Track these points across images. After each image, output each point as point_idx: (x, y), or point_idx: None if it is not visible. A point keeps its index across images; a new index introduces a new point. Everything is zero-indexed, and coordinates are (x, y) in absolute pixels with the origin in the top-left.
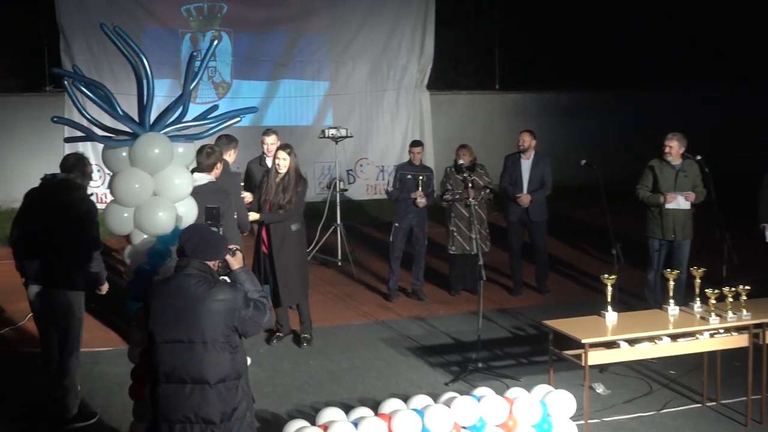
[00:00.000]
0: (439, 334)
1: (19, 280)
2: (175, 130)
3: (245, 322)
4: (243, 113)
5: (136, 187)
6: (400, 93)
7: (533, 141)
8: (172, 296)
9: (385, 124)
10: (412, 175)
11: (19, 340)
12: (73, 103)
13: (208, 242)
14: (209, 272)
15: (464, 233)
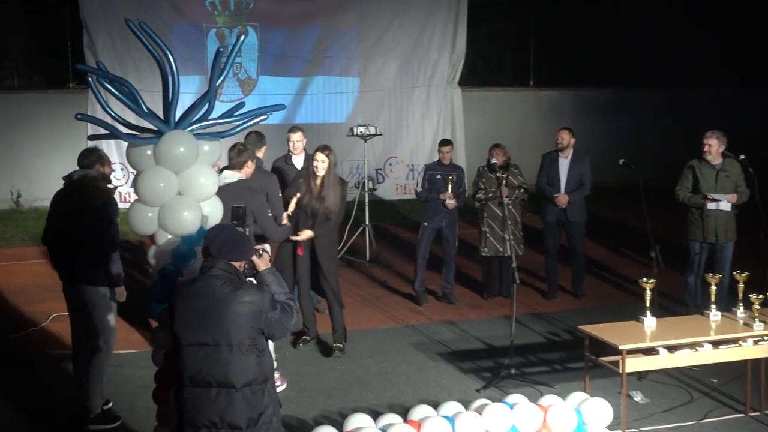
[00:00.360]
0: (471, 338)
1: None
2: (201, 127)
3: (272, 325)
4: (270, 110)
5: (161, 186)
6: (430, 90)
7: (572, 139)
8: (197, 298)
9: (415, 121)
10: (441, 175)
11: (42, 341)
12: (97, 99)
13: (233, 242)
14: (235, 273)
15: (497, 234)
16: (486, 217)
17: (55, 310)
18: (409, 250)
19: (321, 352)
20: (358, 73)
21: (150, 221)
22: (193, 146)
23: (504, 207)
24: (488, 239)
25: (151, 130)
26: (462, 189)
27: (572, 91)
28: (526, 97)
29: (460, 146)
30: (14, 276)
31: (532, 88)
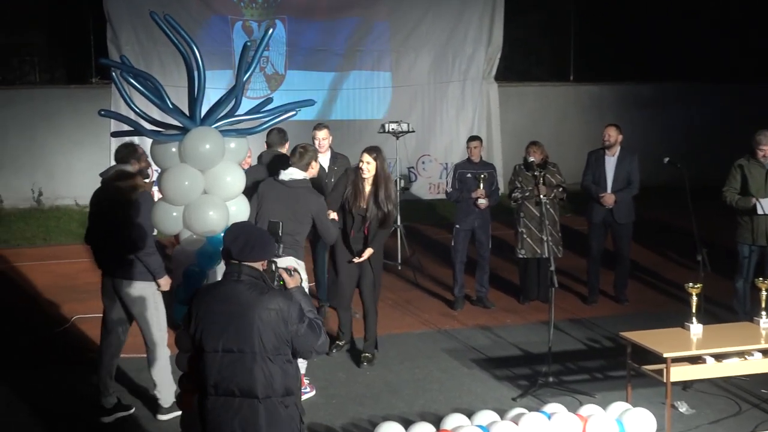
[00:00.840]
0: (507, 344)
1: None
2: (227, 124)
3: (297, 338)
4: (299, 106)
5: (186, 185)
6: (465, 85)
7: (619, 136)
8: (221, 303)
9: (450, 118)
10: (471, 174)
11: (63, 344)
12: (121, 95)
13: (254, 242)
14: (260, 277)
15: (534, 235)
16: (522, 218)
17: (78, 312)
18: (443, 251)
19: (351, 358)
20: (390, 68)
21: (175, 221)
22: (219, 143)
23: (542, 206)
24: (525, 240)
25: (176, 126)
26: (495, 187)
27: (614, 85)
28: (565, 92)
29: (496, 143)
30: (35, 277)
31: (571, 82)
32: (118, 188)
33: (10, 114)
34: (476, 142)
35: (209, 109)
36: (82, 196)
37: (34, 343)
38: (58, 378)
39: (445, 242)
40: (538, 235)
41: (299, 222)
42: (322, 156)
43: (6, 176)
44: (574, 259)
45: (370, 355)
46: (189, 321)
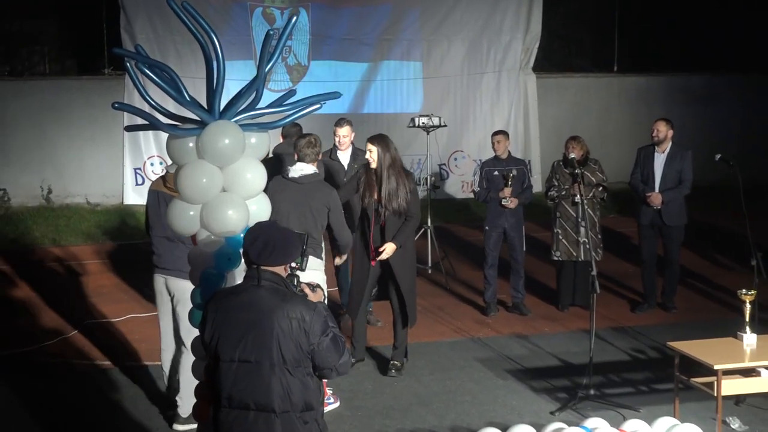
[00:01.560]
0: (545, 354)
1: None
2: (248, 117)
3: (318, 353)
4: (324, 99)
5: (204, 182)
6: (501, 76)
7: (669, 131)
8: (240, 309)
9: (484, 111)
10: (499, 171)
11: (72, 351)
12: (136, 87)
13: (275, 244)
14: (282, 283)
15: (570, 237)
16: (558, 218)
17: (88, 317)
18: (476, 254)
19: (378, 368)
20: (421, 58)
21: (191, 220)
22: (239, 138)
23: (579, 207)
24: (560, 242)
25: (194, 120)
26: (526, 185)
27: (662, 77)
28: (609, 84)
29: (533, 139)
30: (44, 279)
31: (616, 74)
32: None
33: (18, 107)
34: (500, 136)
35: (228, 102)
36: (94, 194)
37: (41, 350)
38: (66, 387)
39: (479, 244)
40: (574, 237)
41: (315, 218)
42: (343, 153)
43: (14, 173)
44: (617, 263)
45: (399, 363)
46: (202, 327)
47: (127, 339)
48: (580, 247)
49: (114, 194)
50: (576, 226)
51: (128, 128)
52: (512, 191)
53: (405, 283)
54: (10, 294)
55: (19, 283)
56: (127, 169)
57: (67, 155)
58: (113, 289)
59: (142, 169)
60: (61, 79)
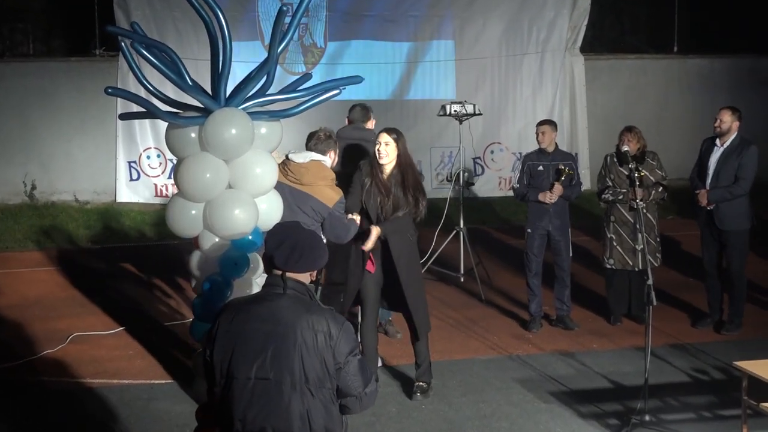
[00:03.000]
0: (593, 375)
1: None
2: (257, 105)
3: (343, 376)
4: (344, 84)
5: (208, 178)
6: (544, 58)
7: (735, 122)
8: (259, 321)
9: (525, 98)
10: (544, 166)
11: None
12: (131, 69)
13: (303, 248)
14: (305, 292)
15: (626, 243)
16: (613, 222)
17: (76, 329)
18: (515, 260)
19: (403, 389)
20: (452, 37)
21: (193, 220)
22: (248, 128)
23: (638, 212)
24: (614, 249)
25: (197, 107)
26: (575, 181)
27: (728, 59)
28: (668, 66)
29: (581, 129)
30: (26, 286)
31: (676, 55)
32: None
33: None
34: (546, 126)
35: (236, 87)
36: (84, 190)
37: (23, 366)
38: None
39: (519, 248)
40: (631, 244)
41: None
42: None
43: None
44: (677, 272)
45: (425, 384)
46: (211, 342)
47: (119, 354)
48: (637, 255)
49: (106, 191)
50: (633, 232)
51: (122, 116)
52: (560, 190)
53: (409, 287)
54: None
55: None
56: (121, 162)
57: (54, 147)
58: (104, 298)
59: (138, 163)
60: (48, 61)
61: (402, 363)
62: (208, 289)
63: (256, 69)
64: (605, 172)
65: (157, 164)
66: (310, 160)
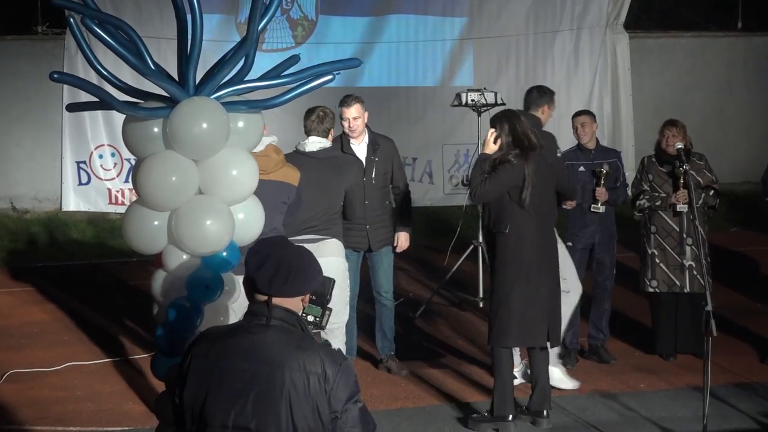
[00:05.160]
0: (640, 420)
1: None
2: (234, 93)
3: (342, 430)
4: (339, 68)
5: (173, 181)
6: (580, 36)
7: None
8: (239, 357)
9: (557, 84)
10: (586, 166)
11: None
12: (81, 50)
13: (291, 267)
14: (296, 322)
15: (672, 259)
16: (654, 234)
17: (13, 366)
18: None
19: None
20: (468, 12)
21: (156, 233)
22: (222, 121)
23: (682, 217)
24: (657, 267)
25: (160, 96)
26: (620, 183)
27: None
28: (730, 45)
29: (625, 120)
30: None
31: (740, 32)
32: None
33: None
34: (585, 117)
35: (208, 72)
36: (22, 196)
37: None
38: None
39: None
40: (677, 260)
41: (337, 196)
42: (357, 144)
43: None
44: (740, 294)
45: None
46: (181, 380)
47: (65, 396)
48: (685, 273)
49: (50, 197)
50: (680, 244)
51: (70, 107)
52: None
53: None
54: None
55: None
56: (68, 163)
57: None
58: (46, 328)
59: (88, 164)
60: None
61: (407, 406)
62: (173, 317)
63: (232, 50)
64: (641, 176)
65: (111, 165)
66: (266, 145)
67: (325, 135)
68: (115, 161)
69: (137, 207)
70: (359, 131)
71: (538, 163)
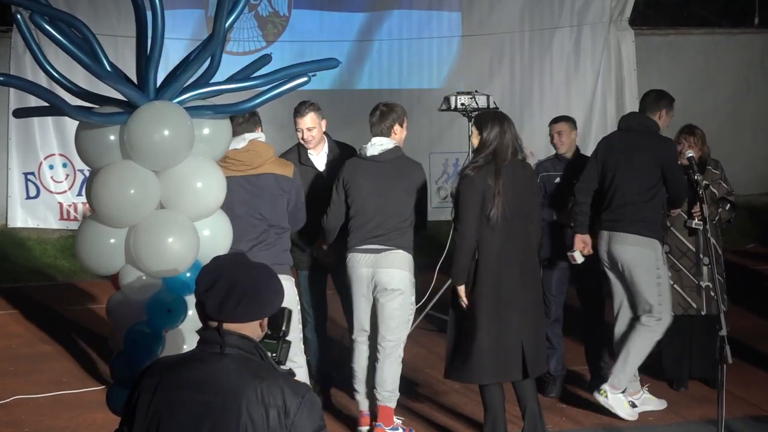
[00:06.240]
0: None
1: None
2: (199, 96)
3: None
4: (315, 69)
5: (132, 195)
6: (581, 33)
7: None
8: (192, 389)
9: (556, 86)
10: (562, 178)
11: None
12: (30, 50)
13: (245, 288)
14: (256, 351)
15: (687, 280)
16: (666, 253)
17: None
18: None
19: None
20: (459, 6)
21: (112, 252)
22: (185, 128)
23: (698, 234)
24: (671, 289)
25: (117, 101)
26: None
27: None
28: (747, 43)
29: None
30: None
31: (757, 29)
32: None
33: None
34: (563, 124)
35: (170, 74)
36: None
37: None
38: None
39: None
40: (693, 281)
41: (404, 203)
42: (315, 154)
43: None
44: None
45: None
46: (129, 415)
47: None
48: (702, 295)
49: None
50: (696, 265)
51: (17, 113)
52: None
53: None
54: None
55: None
56: (14, 174)
57: None
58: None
59: (37, 175)
60: None
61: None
62: (131, 344)
63: (196, 49)
64: None
65: (63, 177)
66: (249, 141)
67: (389, 132)
68: (67, 172)
69: (91, 223)
70: (316, 142)
71: (513, 173)
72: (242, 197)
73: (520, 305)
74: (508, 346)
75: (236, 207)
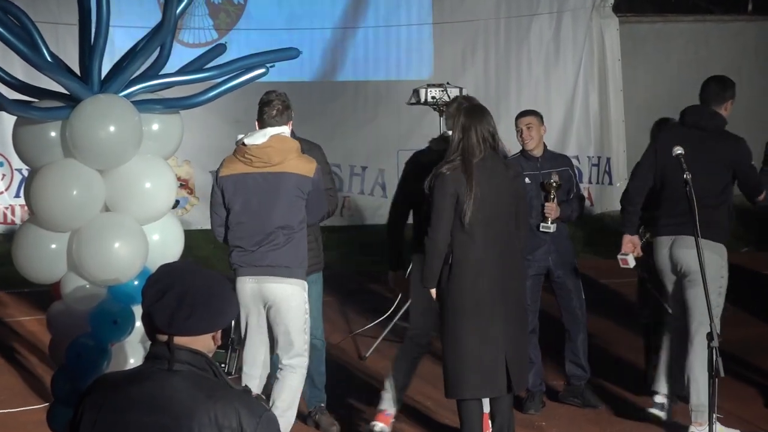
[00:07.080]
0: None
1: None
2: (147, 90)
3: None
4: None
5: (74, 196)
6: (561, 20)
7: None
8: (140, 409)
9: (534, 77)
10: (532, 177)
11: None
12: None
13: (196, 298)
14: (208, 367)
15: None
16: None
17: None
18: None
19: None
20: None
21: (53, 258)
22: (132, 123)
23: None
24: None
25: (59, 94)
26: (573, 195)
27: None
28: (739, 31)
29: (615, 118)
30: None
31: (750, 16)
32: None
33: None
34: (531, 117)
35: (116, 65)
36: None
37: None
38: None
39: None
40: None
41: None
42: None
43: None
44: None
45: None
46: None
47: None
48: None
49: None
50: None
51: None
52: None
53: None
54: None
55: None
56: None
57: None
58: None
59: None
60: None
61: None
62: (74, 358)
63: (144, 38)
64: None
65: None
66: (270, 136)
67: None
68: (3, 172)
69: (31, 227)
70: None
71: (492, 172)
72: (258, 195)
73: (501, 316)
74: (490, 359)
75: (252, 204)
